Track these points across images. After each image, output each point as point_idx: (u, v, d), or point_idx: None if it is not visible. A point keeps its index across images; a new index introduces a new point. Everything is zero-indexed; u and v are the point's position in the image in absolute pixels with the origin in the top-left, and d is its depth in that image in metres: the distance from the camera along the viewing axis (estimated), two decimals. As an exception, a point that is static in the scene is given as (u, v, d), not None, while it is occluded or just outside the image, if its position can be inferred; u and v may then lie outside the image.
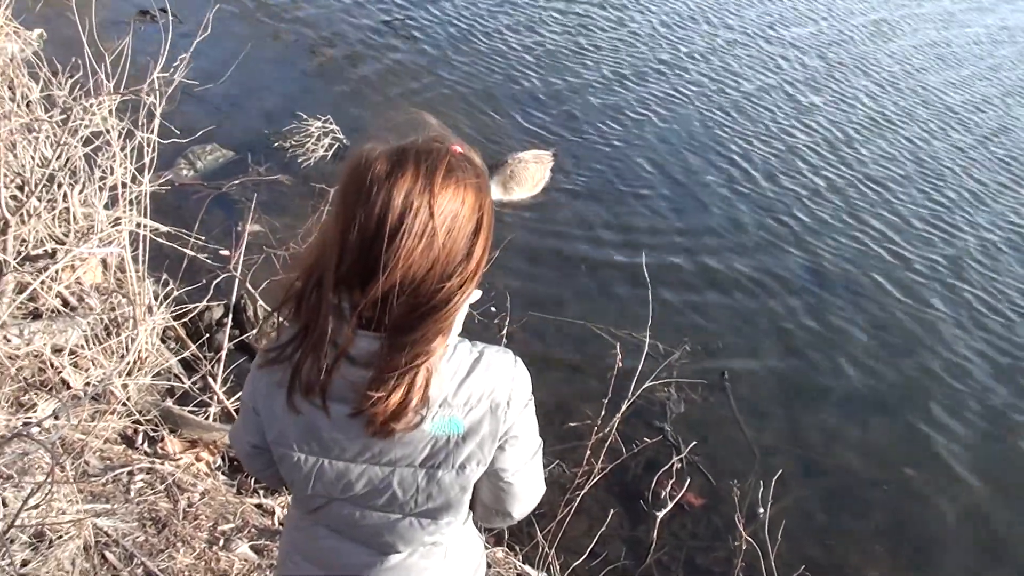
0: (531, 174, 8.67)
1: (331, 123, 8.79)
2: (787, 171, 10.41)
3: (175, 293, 5.53)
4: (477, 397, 1.88)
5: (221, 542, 4.12)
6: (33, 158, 5.50)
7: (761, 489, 5.29)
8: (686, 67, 12.75)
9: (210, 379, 5.31)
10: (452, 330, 1.83)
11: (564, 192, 9.02)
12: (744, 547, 4.78)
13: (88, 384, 4.74)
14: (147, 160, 5.25)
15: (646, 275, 5.53)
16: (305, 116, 8.80)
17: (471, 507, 2.15)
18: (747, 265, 8.48)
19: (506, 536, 5.00)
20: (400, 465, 1.92)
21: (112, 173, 5.26)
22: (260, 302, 6.04)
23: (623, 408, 4.87)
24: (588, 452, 4.94)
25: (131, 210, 5.32)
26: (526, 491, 2.13)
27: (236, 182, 7.73)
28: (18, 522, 3.36)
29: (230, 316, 5.85)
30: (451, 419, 1.87)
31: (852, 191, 10.31)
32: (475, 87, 10.66)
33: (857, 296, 8.39)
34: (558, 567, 4.80)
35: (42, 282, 4.97)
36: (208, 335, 5.90)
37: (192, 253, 5.85)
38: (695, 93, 12.00)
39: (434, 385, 1.80)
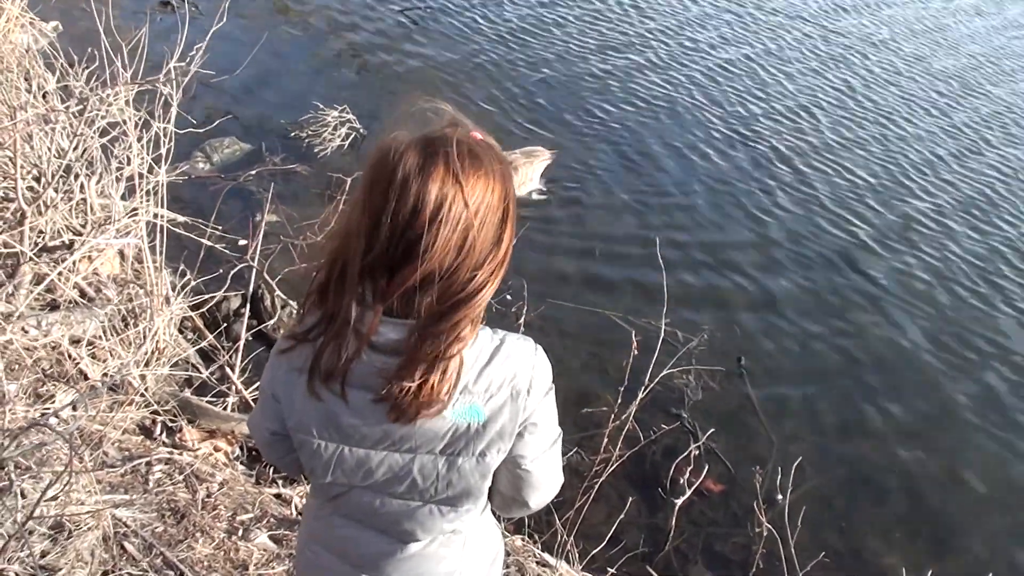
0: (531, 170, 8.59)
1: (348, 113, 8.79)
2: (801, 155, 10.37)
3: (192, 283, 5.54)
4: (498, 384, 1.88)
5: (240, 532, 4.12)
6: (50, 149, 5.51)
7: (779, 476, 5.27)
8: (696, 59, 12.71)
9: (228, 369, 5.32)
10: (478, 320, 1.84)
11: (576, 182, 9.00)
12: (764, 534, 4.76)
13: (106, 375, 4.74)
14: (164, 151, 5.24)
15: (661, 262, 5.51)
16: (322, 106, 8.80)
17: (489, 496, 2.14)
18: (763, 251, 8.45)
19: (525, 524, 5.00)
20: (420, 452, 1.91)
21: (129, 164, 5.25)
22: (277, 292, 6.05)
23: (640, 395, 4.85)
24: (606, 439, 4.93)
25: (148, 201, 5.32)
26: (544, 480, 2.11)
27: (253, 172, 7.73)
28: (37, 513, 3.37)
29: (247, 306, 5.86)
30: (472, 406, 1.86)
31: (868, 174, 10.25)
32: (489, 81, 10.64)
33: (876, 282, 8.35)
34: (577, 555, 4.79)
35: (59, 273, 4.98)
36: (225, 325, 5.90)
37: (209, 243, 5.86)
38: (705, 83, 11.97)
39: (455, 375, 1.81)
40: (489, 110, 9.91)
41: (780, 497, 5.30)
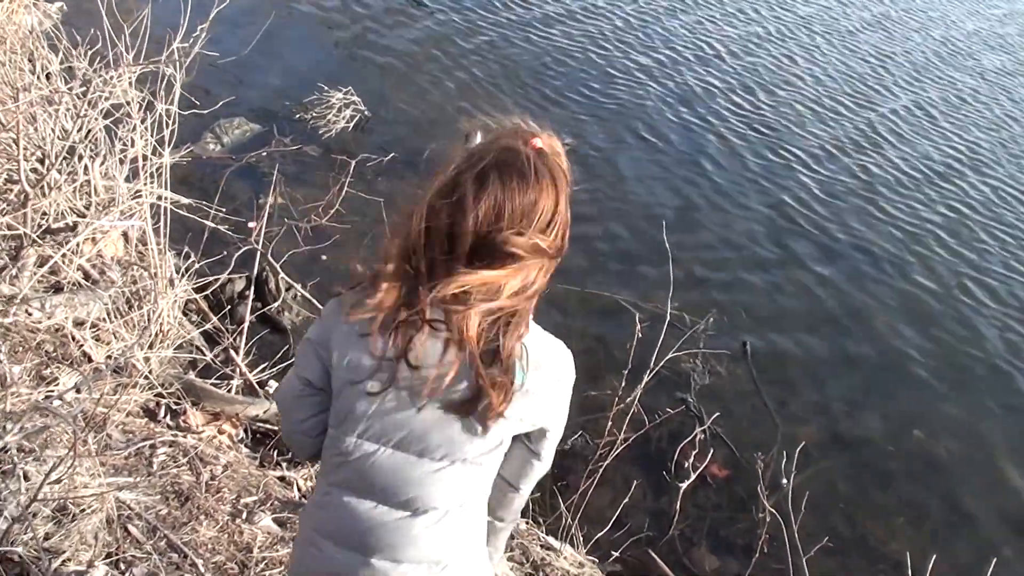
0: None
1: (352, 94, 8.76)
2: (813, 143, 10.34)
3: (196, 265, 5.52)
4: (541, 362, 2.02)
5: (244, 514, 4.12)
6: (53, 131, 5.49)
7: (784, 460, 5.27)
8: (709, 44, 12.68)
9: (232, 351, 5.31)
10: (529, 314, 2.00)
11: (582, 165, 8.97)
12: (768, 519, 4.75)
13: (110, 357, 4.74)
14: (168, 132, 5.23)
15: (667, 245, 5.49)
16: (326, 87, 8.77)
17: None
18: (769, 235, 8.43)
19: (530, 508, 5.00)
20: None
21: (133, 145, 5.24)
22: (282, 274, 6.04)
23: (645, 379, 4.84)
24: (610, 423, 4.93)
25: (152, 182, 5.31)
26: (542, 471, 2.31)
27: (254, 155, 7.72)
28: (40, 496, 3.37)
29: (252, 288, 5.85)
30: (519, 369, 1.97)
31: (881, 160, 10.23)
32: (494, 62, 10.62)
33: (881, 267, 8.34)
34: (581, 538, 4.79)
35: (63, 255, 4.97)
36: (230, 307, 5.89)
37: (213, 225, 5.85)
38: (718, 67, 11.95)
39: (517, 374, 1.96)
40: (495, 90, 9.88)
41: (784, 481, 5.28)
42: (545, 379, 2.05)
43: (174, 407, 4.79)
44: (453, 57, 10.44)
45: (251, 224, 6.23)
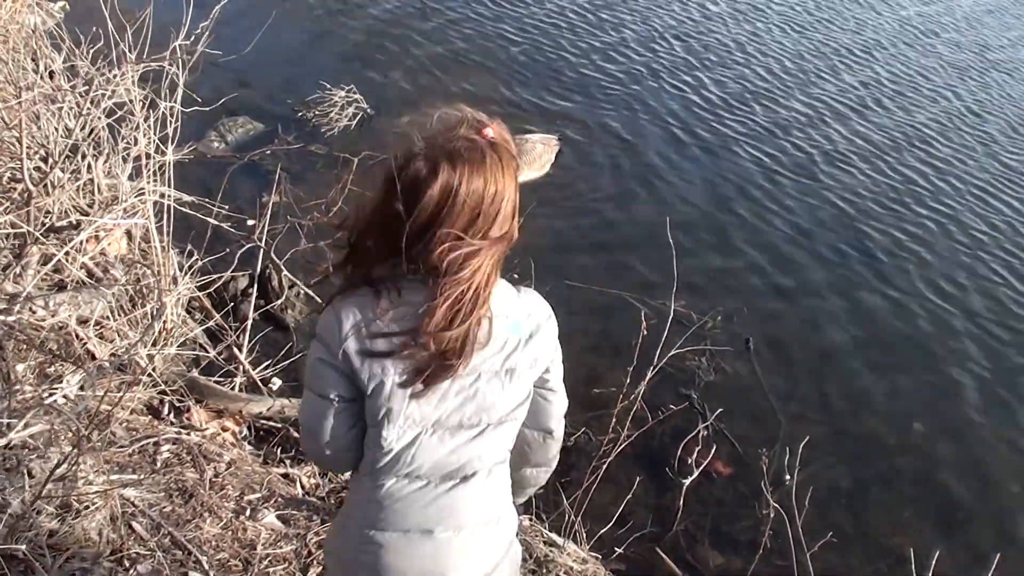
0: (538, 154, 8.61)
1: (355, 92, 8.77)
2: (815, 141, 10.34)
3: (200, 263, 5.53)
4: (529, 310, 2.23)
5: (248, 512, 4.13)
6: (56, 129, 5.50)
7: (787, 456, 5.27)
8: (713, 46, 12.68)
9: (235, 349, 5.32)
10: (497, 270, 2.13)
11: (588, 164, 8.98)
12: (772, 514, 4.76)
13: (114, 355, 4.75)
14: (171, 130, 5.23)
15: (671, 241, 5.49)
16: (329, 85, 8.78)
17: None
18: (773, 233, 8.42)
19: (533, 505, 5.00)
20: (484, 371, 2.15)
21: (136, 143, 5.25)
22: (285, 272, 6.04)
23: (648, 375, 4.84)
24: (614, 420, 4.93)
25: (155, 180, 5.31)
26: (561, 407, 2.43)
27: (258, 153, 7.73)
28: (45, 493, 3.38)
29: (255, 286, 5.86)
30: (516, 323, 2.18)
31: (881, 161, 10.22)
32: (497, 60, 10.61)
33: (884, 263, 8.33)
34: (584, 535, 4.80)
35: (67, 253, 4.97)
36: (233, 305, 5.90)
37: (217, 223, 5.85)
38: (722, 68, 11.93)
39: (495, 302, 2.11)
40: (499, 89, 9.88)
41: (788, 477, 5.29)
42: (538, 321, 2.22)
43: (178, 405, 4.80)
44: (455, 55, 10.44)
45: (251, 222, 6.24)
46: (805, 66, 12.31)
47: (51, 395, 4.09)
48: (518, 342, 2.17)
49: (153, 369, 4.75)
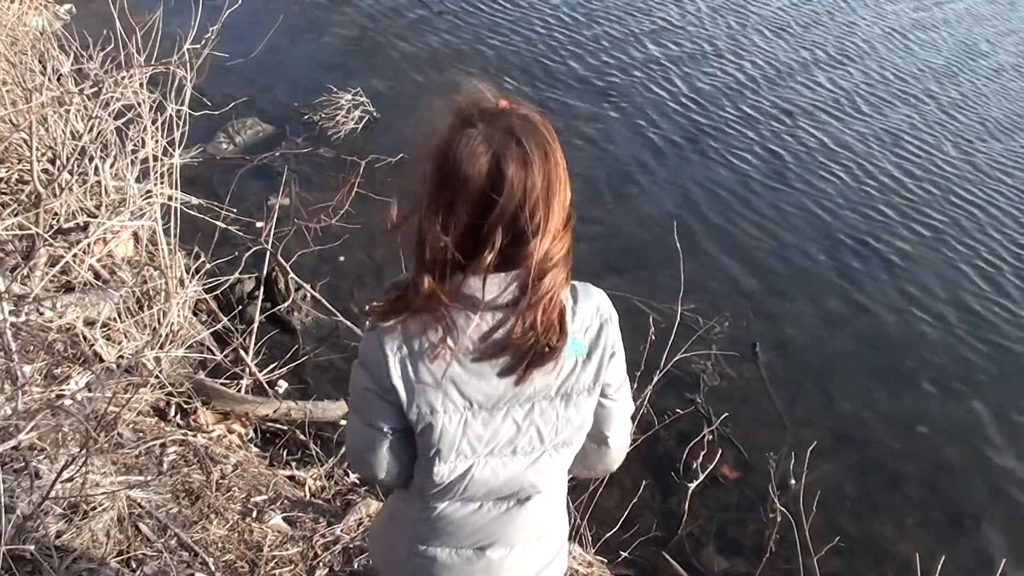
0: None
1: (361, 95, 8.78)
2: (824, 142, 10.33)
3: (207, 266, 5.55)
4: (590, 318, 2.03)
5: (254, 513, 4.13)
6: (64, 131, 5.51)
7: (793, 461, 5.26)
8: (723, 45, 12.67)
9: (242, 351, 5.33)
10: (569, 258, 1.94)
11: (595, 164, 8.98)
12: (779, 519, 4.75)
13: (121, 357, 4.76)
14: (178, 133, 5.25)
15: (678, 246, 5.49)
16: (335, 88, 8.79)
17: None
18: (781, 237, 8.42)
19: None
20: (539, 399, 2.01)
21: (144, 146, 5.26)
22: (291, 274, 6.05)
23: (654, 379, 4.84)
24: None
25: (163, 183, 5.33)
26: (624, 411, 2.24)
27: (266, 156, 7.74)
28: (52, 494, 3.38)
29: (262, 289, 5.86)
30: (574, 341, 1.98)
31: (891, 163, 10.21)
32: (503, 61, 10.62)
33: (890, 268, 8.32)
34: (590, 538, 4.79)
35: (74, 255, 4.99)
36: (240, 308, 5.91)
37: (224, 225, 5.86)
38: (729, 69, 11.92)
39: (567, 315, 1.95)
40: (506, 89, 9.87)
41: (793, 482, 5.29)
42: (598, 330, 2.05)
43: (184, 406, 4.81)
44: (461, 57, 10.45)
45: (259, 224, 6.25)
46: (816, 69, 12.30)
47: (59, 396, 4.10)
48: (575, 364, 2.01)
49: (160, 371, 4.76)
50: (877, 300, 7.85)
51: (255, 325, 5.44)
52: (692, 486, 5.46)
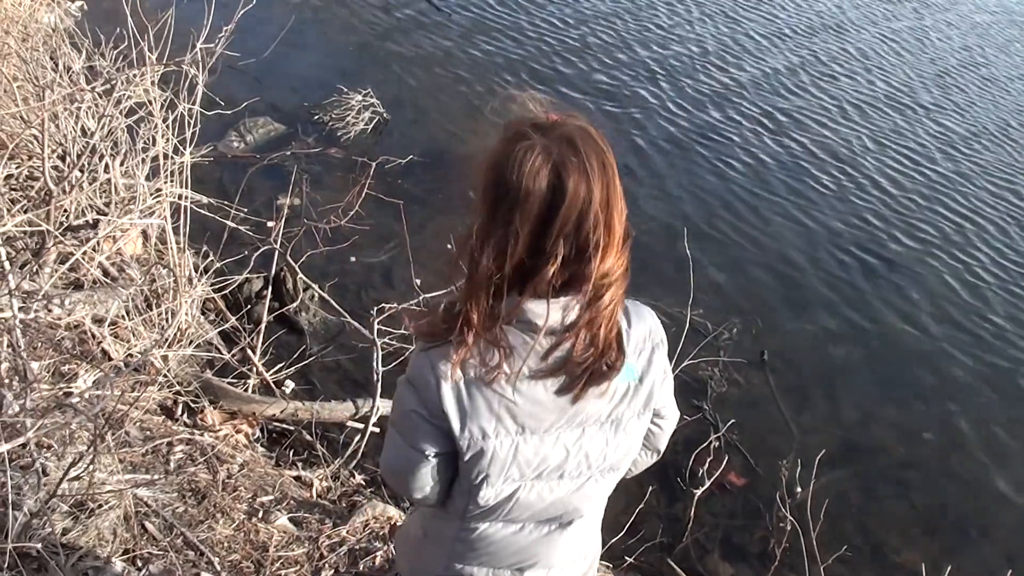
0: None
1: (371, 96, 8.78)
2: (836, 153, 10.32)
3: (216, 265, 5.55)
4: (643, 341, 2.00)
5: (260, 513, 4.13)
6: (75, 129, 5.52)
7: (799, 469, 5.25)
8: (736, 48, 12.66)
9: (249, 351, 5.33)
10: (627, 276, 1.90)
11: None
12: (788, 528, 4.75)
13: (129, 355, 4.76)
14: (189, 132, 5.25)
15: (688, 252, 5.49)
16: (346, 89, 8.80)
17: None
18: (791, 245, 8.41)
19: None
20: (589, 423, 1.98)
21: (154, 144, 5.26)
22: (300, 275, 6.05)
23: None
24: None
25: (173, 181, 5.33)
26: (673, 424, 2.30)
27: (276, 156, 7.75)
28: (59, 491, 3.38)
29: (270, 289, 5.86)
30: (627, 367, 1.93)
31: (903, 175, 10.20)
32: (512, 62, 10.62)
33: (900, 278, 8.31)
34: (595, 544, 4.78)
35: (84, 252, 4.99)
36: (248, 307, 5.90)
37: (233, 225, 5.86)
38: (742, 75, 11.91)
39: (624, 334, 1.91)
40: (515, 91, 9.87)
41: (799, 490, 5.28)
42: (651, 354, 2.02)
43: (192, 405, 4.81)
44: (470, 58, 10.45)
45: (268, 223, 6.26)
46: (828, 73, 12.29)
47: (67, 394, 4.10)
48: (628, 388, 1.98)
49: (168, 370, 4.76)
50: (886, 310, 7.84)
51: (263, 325, 5.44)
52: (698, 492, 5.46)
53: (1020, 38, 15.89)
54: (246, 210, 6.21)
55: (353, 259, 6.66)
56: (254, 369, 5.29)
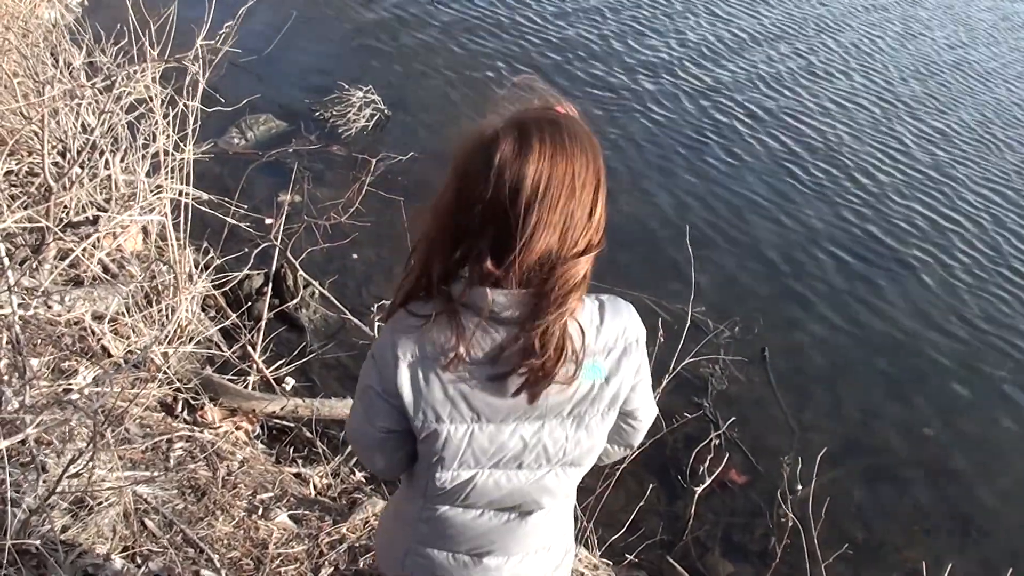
0: None
1: (372, 93, 8.78)
2: (838, 151, 10.31)
3: (216, 262, 5.54)
4: (613, 340, 1.95)
5: (260, 510, 4.13)
6: (76, 125, 5.51)
7: (800, 466, 5.25)
8: (738, 45, 12.66)
9: (250, 348, 5.32)
10: (587, 282, 1.87)
11: (609, 164, 8.95)
12: (788, 525, 4.74)
13: (129, 352, 4.75)
14: (190, 128, 5.24)
15: (690, 250, 5.48)
16: (347, 86, 8.79)
17: None
18: (792, 243, 8.40)
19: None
20: (549, 417, 1.97)
21: (155, 141, 5.26)
22: (300, 271, 6.04)
23: (663, 383, 4.83)
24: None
25: (173, 178, 5.32)
26: (648, 424, 2.24)
27: (277, 152, 7.75)
28: (59, 488, 3.38)
29: (270, 285, 5.86)
30: (594, 365, 1.93)
31: (904, 173, 10.19)
32: (513, 60, 10.61)
33: (900, 275, 8.30)
34: (596, 541, 4.79)
35: (84, 249, 4.98)
36: (248, 304, 5.89)
37: (233, 222, 5.86)
38: (744, 70, 11.91)
39: (573, 331, 1.85)
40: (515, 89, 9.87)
41: (800, 487, 5.27)
42: (621, 352, 1.97)
43: (192, 402, 4.81)
44: (472, 55, 10.45)
45: (268, 220, 6.25)
46: (827, 70, 12.28)
47: (67, 391, 4.10)
48: (591, 387, 1.95)
49: (168, 366, 4.75)
50: (887, 307, 7.83)
51: (263, 322, 5.44)
52: (699, 490, 5.45)
53: (1003, 34, 15.88)
54: (246, 207, 6.20)
55: (354, 256, 6.66)
56: (254, 366, 5.28)
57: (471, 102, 9.30)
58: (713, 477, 5.54)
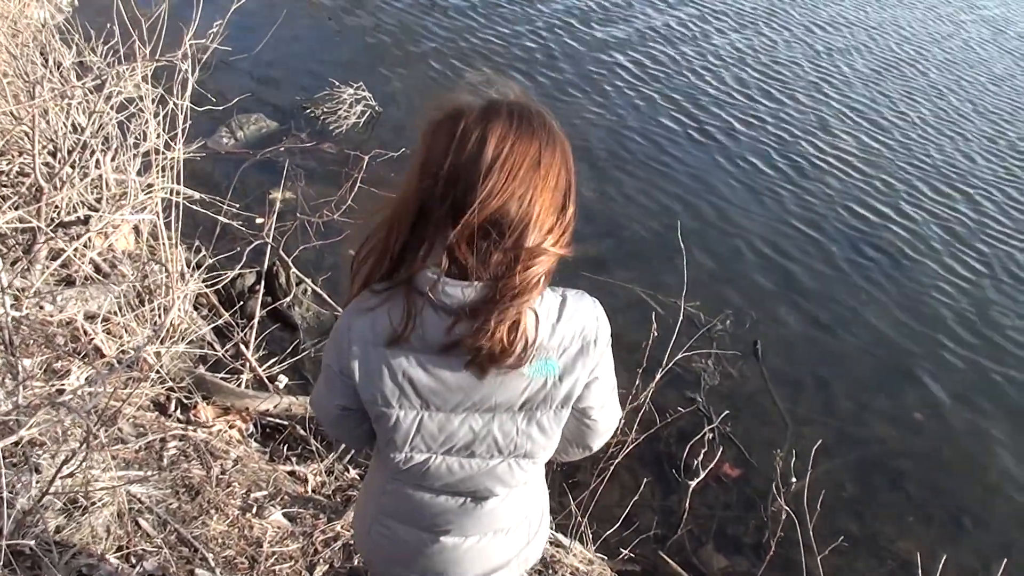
0: None
1: (363, 90, 8.77)
2: (828, 143, 10.32)
3: (208, 260, 5.53)
4: (570, 338, 1.94)
5: (254, 509, 4.12)
6: (66, 125, 5.50)
7: (793, 459, 5.25)
8: (722, 43, 12.66)
9: (242, 346, 5.32)
10: (548, 277, 1.87)
11: (602, 158, 8.96)
12: (783, 518, 4.74)
13: (122, 351, 4.75)
14: (180, 127, 5.23)
15: (681, 243, 5.48)
16: (337, 83, 8.78)
17: None
18: (784, 236, 8.41)
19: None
20: (500, 411, 1.98)
21: (145, 140, 5.25)
22: (293, 269, 6.04)
23: (657, 378, 4.84)
24: (622, 421, 4.92)
25: (164, 177, 5.32)
26: (607, 425, 2.25)
27: (268, 151, 7.73)
28: (52, 489, 3.37)
29: (262, 283, 5.85)
30: (547, 361, 1.92)
31: (894, 164, 10.21)
32: (505, 57, 10.63)
33: (892, 268, 8.31)
34: (590, 535, 4.79)
35: (75, 249, 4.97)
36: (240, 302, 5.89)
37: (225, 220, 5.85)
38: (733, 66, 11.91)
39: (531, 329, 1.85)
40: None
41: (794, 481, 5.27)
42: (578, 351, 1.96)
43: (185, 402, 4.80)
44: (463, 52, 10.45)
45: (259, 219, 6.24)
46: (825, 68, 12.29)
47: (59, 391, 4.09)
48: (544, 382, 1.95)
49: (160, 366, 4.75)
50: (879, 299, 7.84)
51: (256, 320, 5.43)
52: (693, 484, 5.45)
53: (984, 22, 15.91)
54: (238, 205, 6.19)
55: (348, 253, 6.64)
56: (247, 364, 5.27)
57: (462, 98, 9.27)
58: (707, 471, 5.55)
